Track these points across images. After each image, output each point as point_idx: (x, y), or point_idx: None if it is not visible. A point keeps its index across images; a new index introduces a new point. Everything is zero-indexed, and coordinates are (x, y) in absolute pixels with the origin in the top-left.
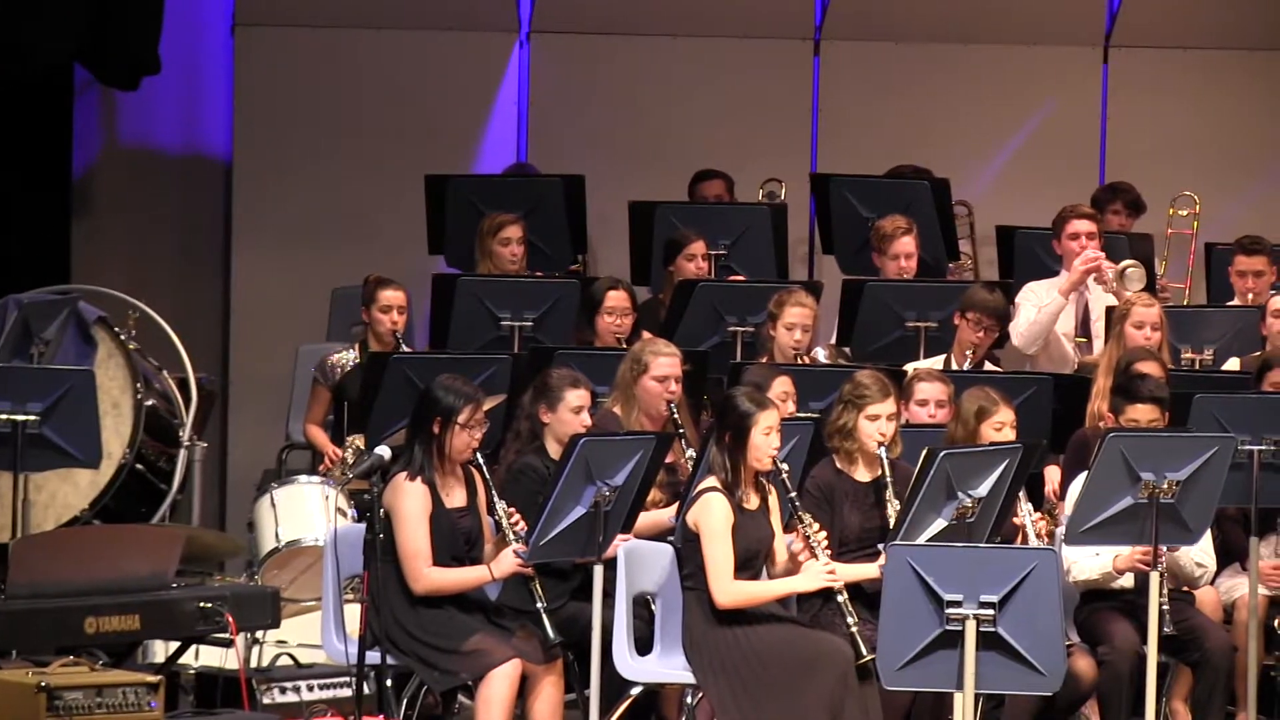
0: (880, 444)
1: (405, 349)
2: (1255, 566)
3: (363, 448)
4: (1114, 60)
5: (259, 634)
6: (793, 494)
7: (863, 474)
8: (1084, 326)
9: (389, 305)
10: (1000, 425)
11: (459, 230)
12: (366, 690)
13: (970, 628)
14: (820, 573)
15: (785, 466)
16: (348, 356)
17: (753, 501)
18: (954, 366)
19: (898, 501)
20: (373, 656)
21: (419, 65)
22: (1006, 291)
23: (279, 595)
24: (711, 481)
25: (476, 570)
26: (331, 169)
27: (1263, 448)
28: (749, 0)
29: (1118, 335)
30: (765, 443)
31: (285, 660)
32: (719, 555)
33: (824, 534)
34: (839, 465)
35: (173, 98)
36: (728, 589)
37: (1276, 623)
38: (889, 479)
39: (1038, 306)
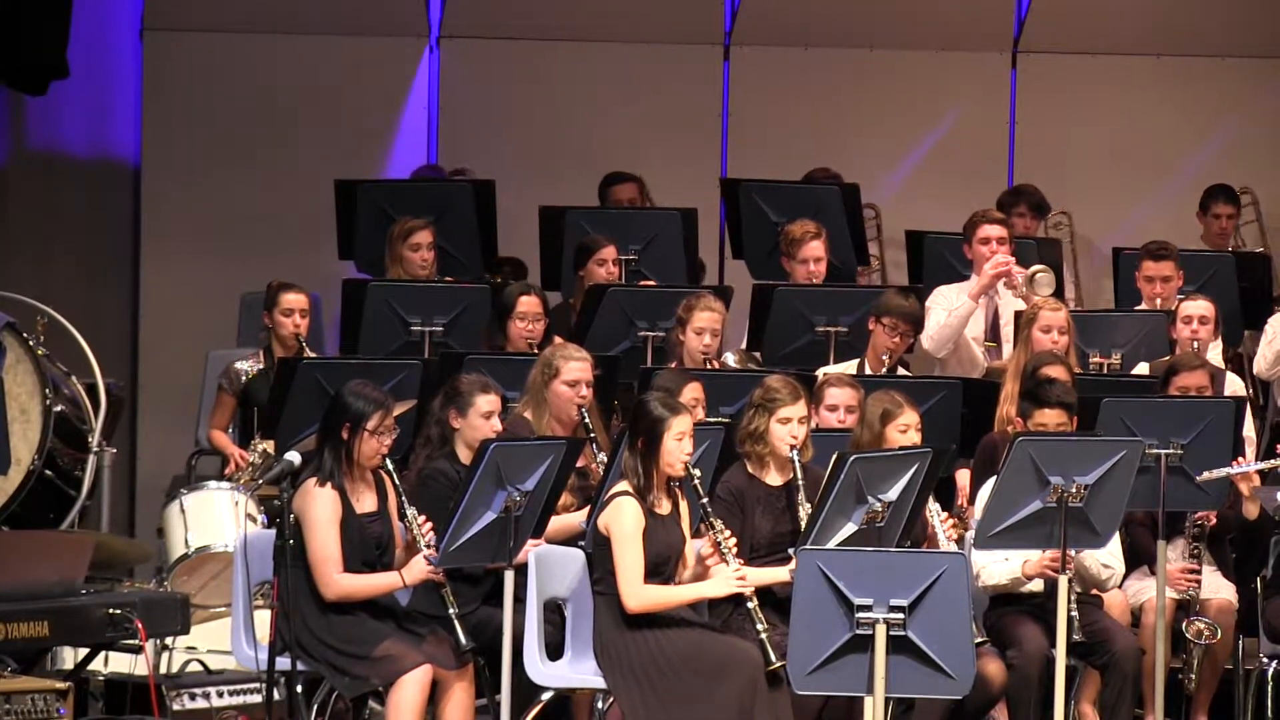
0: (792, 448)
1: (309, 353)
2: (1163, 570)
3: (270, 451)
4: (1022, 66)
5: (168, 640)
6: (704, 499)
7: (774, 478)
8: (993, 331)
9: (290, 309)
10: (905, 428)
11: (369, 235)
12: (277, 696)
13: (880, 632)
14: (730, 578)
15: (698, 472)
16: (251, 363)
17: (664, 507)
18: (868, 371)
19: (808, 506)
20: (283, 662)
21: (329, 70)
22: (916, 296)
23: (188, 601)
24: (623, 486)
25: (388, 576)
26: (241, 174)
27: (1170, 451)
28: (659, 6)
29: (1025, 339)
30: (678, 448)
31: (195, 666)
32: (630, 560)
33: (734, 539)
34: (750, 470)
35: (81, 102)
36: (638, 593)
37: (1184, 625)
38: (800, 483)
39: (948, 310)
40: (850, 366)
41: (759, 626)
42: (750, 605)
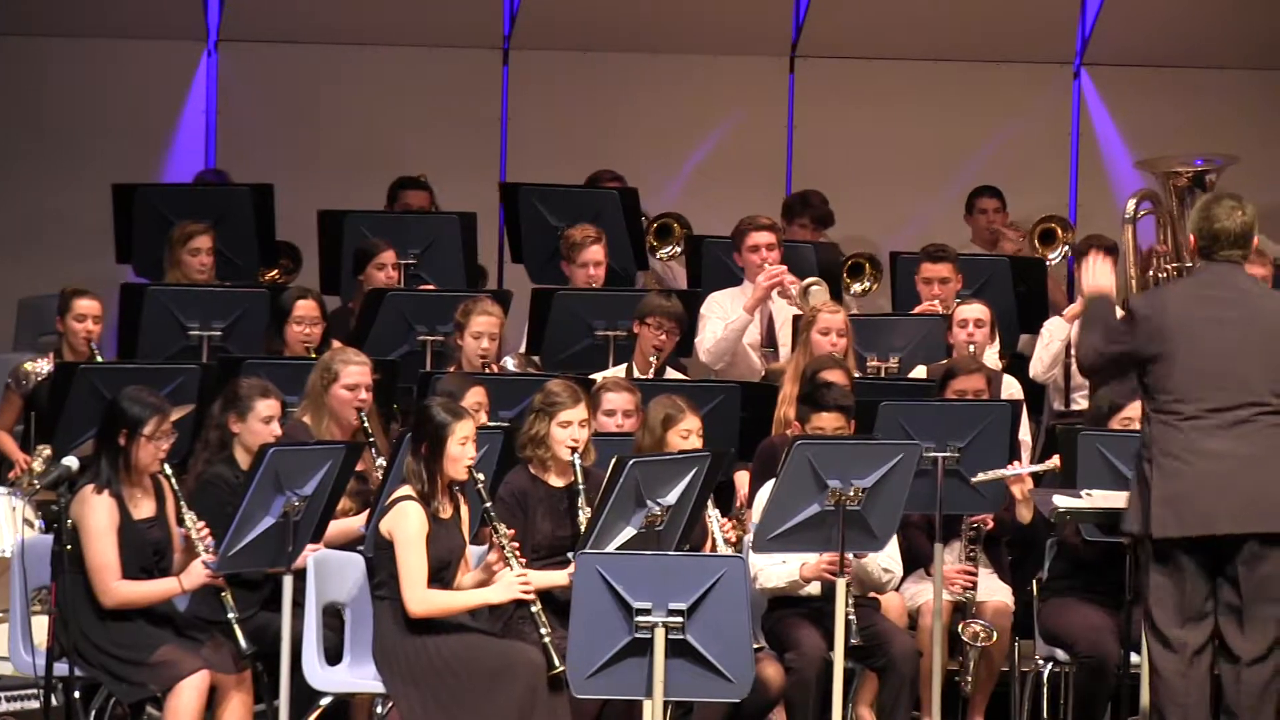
0: (573, 450)
1: (99, 358)
2: (940, 572)
3: (51, 456)
4: (800, 70)
5: None
6: (488, 503)
7: (556, 480)
8: (769, 336)
9: (84, 314)
10: (687, 433)
11: (147, 239)
12: (54, 702)
13: (659, 635)
14: (514, 584)
15: (480, 476)
16: (42, 366)
17: (446, 511)
18: (637, 374)
19: (589, 509)
20: (61, 668)
21: (107, 73)
22: (695, 300)
23: None
24: (406, 490)
25: (166, 582)
26: (17, 177)
27: (947, 455)
28: (438, 9)
29: (804, 342)
30: (462, 452)
31: None
32: (413, 564)
33: (518, 544)
34: (533, 471)
35: None
36: (422, 598)
37: (960, 628)
38: (581, 486)
39: (723, 321)
40: (620, 370)
41: (542, 630)
42: (534, 609)
